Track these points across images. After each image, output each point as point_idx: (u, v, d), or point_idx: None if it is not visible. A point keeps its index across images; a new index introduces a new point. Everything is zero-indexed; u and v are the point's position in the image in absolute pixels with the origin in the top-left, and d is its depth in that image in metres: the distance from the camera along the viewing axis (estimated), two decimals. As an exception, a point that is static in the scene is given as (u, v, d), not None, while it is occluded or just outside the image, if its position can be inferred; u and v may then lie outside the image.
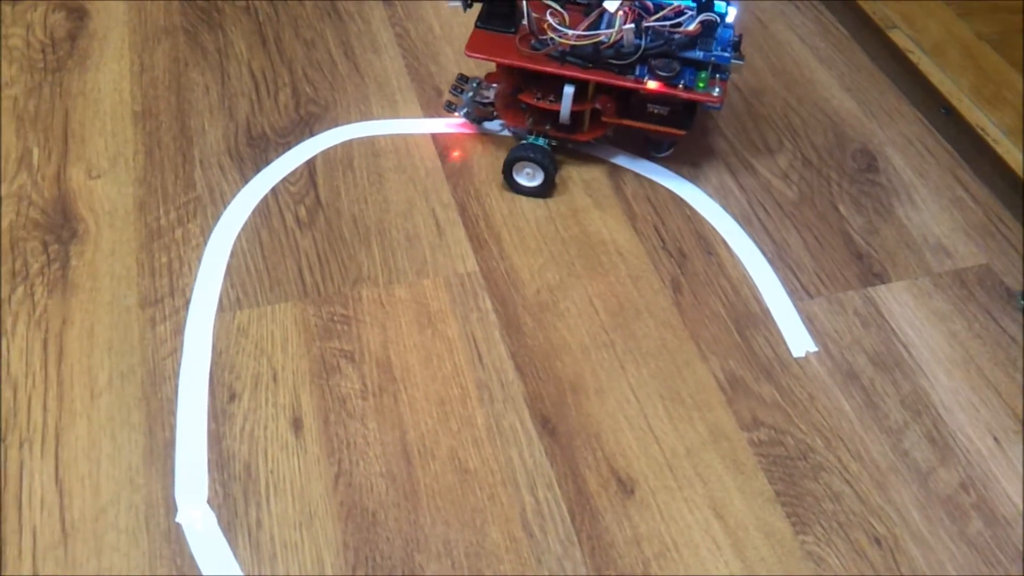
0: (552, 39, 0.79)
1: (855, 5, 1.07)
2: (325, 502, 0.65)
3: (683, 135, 0.84)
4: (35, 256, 0.80)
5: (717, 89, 0.79)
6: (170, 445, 0.67)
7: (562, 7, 0.80)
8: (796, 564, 0.63)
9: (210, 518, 0.64)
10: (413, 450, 0.68)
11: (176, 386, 0.71)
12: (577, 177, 0.88)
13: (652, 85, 0.79)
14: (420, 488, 0.66)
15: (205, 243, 0.81)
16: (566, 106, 0.82)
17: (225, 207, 0.84)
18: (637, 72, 0.80)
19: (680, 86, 0.79)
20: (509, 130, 0.92)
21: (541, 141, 0.85)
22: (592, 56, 0.79)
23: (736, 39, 0.81)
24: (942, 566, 0.63)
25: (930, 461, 0.69)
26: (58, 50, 1.00)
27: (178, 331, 0.74)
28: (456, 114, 0.91)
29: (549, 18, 0.79)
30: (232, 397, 0.70)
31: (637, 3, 0.79)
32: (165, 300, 0.76)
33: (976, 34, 1.02)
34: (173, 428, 0.68)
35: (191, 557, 0.62)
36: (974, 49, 1.00)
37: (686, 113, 0.82)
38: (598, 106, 0.83)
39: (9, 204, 0.84)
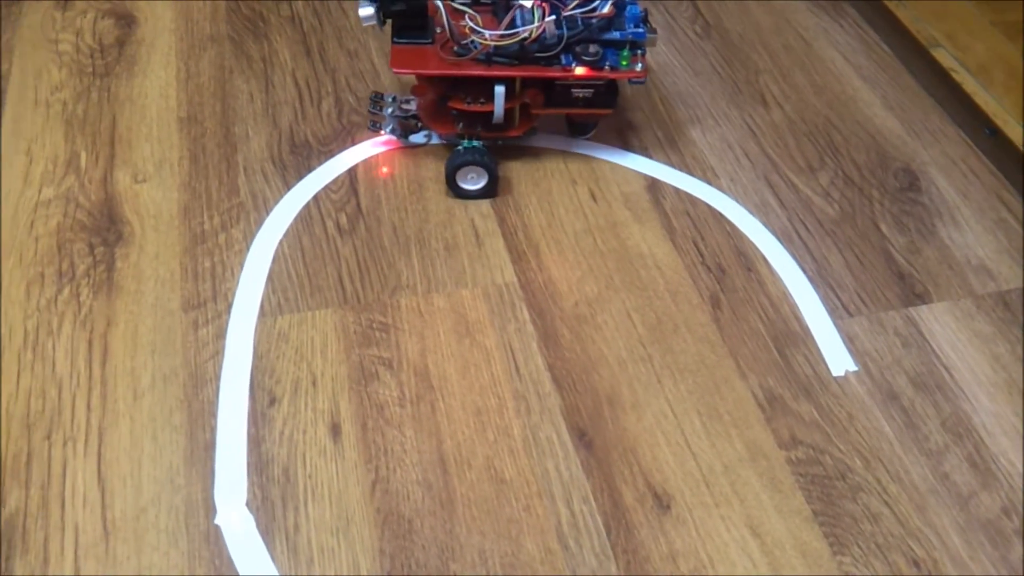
0: (474, 42, 0.80)
1: (899, 24, 1.06)
2: (362, 508, 0.65)
3: (610, 113, 0.88)
4: (81, 258, 0.81)
5: (640, 64, 0.82)
6: (210, 447, 0.68)
7: (472, 9, 0.81)
8: (834, 585, 0.62)
9: (249, 521, 0.64)
10: (449, 459, 0.68)
11: (217, 389, 0.72)
12: (616, 191, 0.89)
13: (580, 71, 0.82)
14: (456, 497, 0.66)
15: (248, 248, 0.82)
16: (499, 106, 0.83)
17: (268, 213, 0.85)
18: (563, 61, 0.82)
19: (607, 67, 0.82)
20: (443, 139, 0.91)
21: (476, 143, 0.86)
22: (518, 53, 0.81)
23: (643, 14, 0.83)
24: (982, 592, 0.62)
25: (971, 485, 0.68)
26: (106, 56, 1.02)
27: (220, 335, 0.75)
28: (382, 132, 0.91)
29: (468, 22, 0.80)
30: (272, 401, 0.71)
31: None
32: (208, 304, 0.77)
33: (1022, 54, 1.01)
34: (214, 430, 0.69)
35: (229, 559, 0.62)
36: (1019, 69, 0.99)
37: (609, 92, 0.85)
38: (527, 100, 0.84)
39: (57, 206, 0.85)
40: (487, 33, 0.79)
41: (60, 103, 0.96)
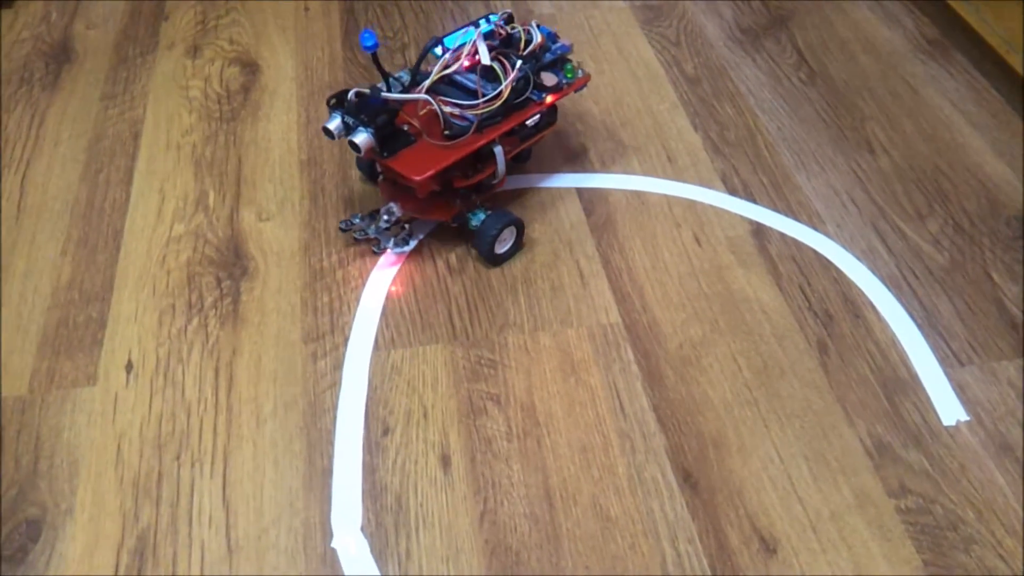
0: (465, 119, 0.82)
1: (1010, 70, 1.05)
2: (471, 538, 0.67)
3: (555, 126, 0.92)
4: (209, 290, 0.86)
5: (580, 70, 0.89)
6: (327, 473, 0.71)
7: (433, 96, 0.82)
8: (946, 638, 0.61)
9: (363, 545, 0.67)
10: (556, 494, 0.70)
11: (334, 418, 0.75)
12: (721, 235, 0.90)
13: (549, 99, 0.86)
14: (562, 532, 0.67)
15: (363, 285, 0.86)
16: (502, 164, 0.85)
17: (382, 253, 0.89)
18: (535, 97, 0.86)
19: (564, 85, 0.87)
20: (453, 222, 0.88)
21: (481, 212, 0.86)
22: (502, 110, 0.83)
23: (551, 31, 0.88)
24: (1105, 653, 0.60)
25: (1092, 542, 0.66)
26: (232, 101, 1.09)
27: (337, 366, 0.79)
28: (388, 250, 0.87)
29: (448, 108, 0.81)
30: (386, 431, 0.74)
31: (491, 40, 0.84)
32: (326, 336, 0.81)
33: None
34: (331, 457, 0.72)
35: (345, 582, 0.65)
36: None
37: (551, 111, 0.89)
38: (507, 148, 0.86)
39: (187, 241, 0.91)
40: (478, 103, 0.82)
41: (190, 145, 1.02)
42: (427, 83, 0.82)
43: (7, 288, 0.87)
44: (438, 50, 0.84)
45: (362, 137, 0.80)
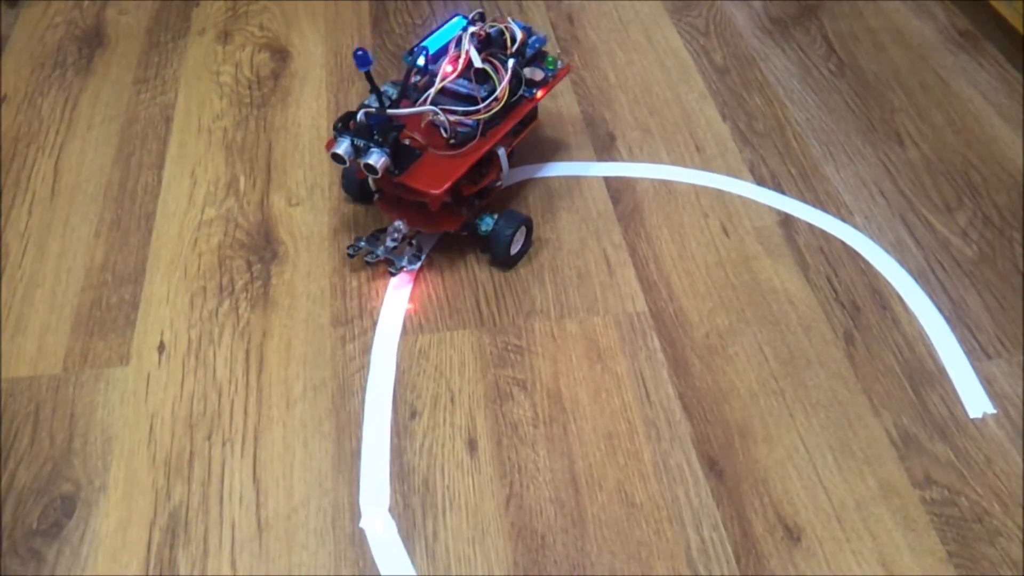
0: (464, 124, 0.81)
1: (1043, 63, 1.04)
2: (497, 521, 0.68)
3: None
4: (240, 274, 0.87)
5: (560, 61, 0.90)
6: (356, 455, 0.72)
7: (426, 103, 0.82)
8: (970, 628, 0.62)
9: (391, 526, 0.68)
10: (581, 479, 0.70)
11: (363, 401, 0.76)
12: (748, 225, 0.90)
13: (540, 94, 0.87)
14: (587, 517, 0.68)
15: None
16: (506, 164, 0.85)
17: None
18: (527, 94, 0.86)
19: (550, 78, 0.88)
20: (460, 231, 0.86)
21: (488, 217, 0.85)
22: (503, 111, 0.83)
23: (526, 26, 0.88)
24: None
25: (1119, 536, 0.66)
26: (263, 87, 1.10)
27: (365, 350, 0.80)
28: (405, 269, 0.85)
29: (450, 116, 0.80)
30: (413, 415, 0.75)
31: (475, 42, 0.83)
32: (354, 321, 0.82)
33: None
34: (359, 439, 0.73)
35: (372, 561, 0.66)
36: None
37: (532, 104, 0.88)
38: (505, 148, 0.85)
39: (218, 225, 0.92)
40: (479, 108, 0.81)
41: (221, 130, 1.03)
42: (432, 92, 0.81)
43: (42, 269, 0.88)
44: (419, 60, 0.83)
45: (377, 158, 0.77)
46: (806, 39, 1.14)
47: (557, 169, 0.97)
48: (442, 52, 0.85)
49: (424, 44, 0.85)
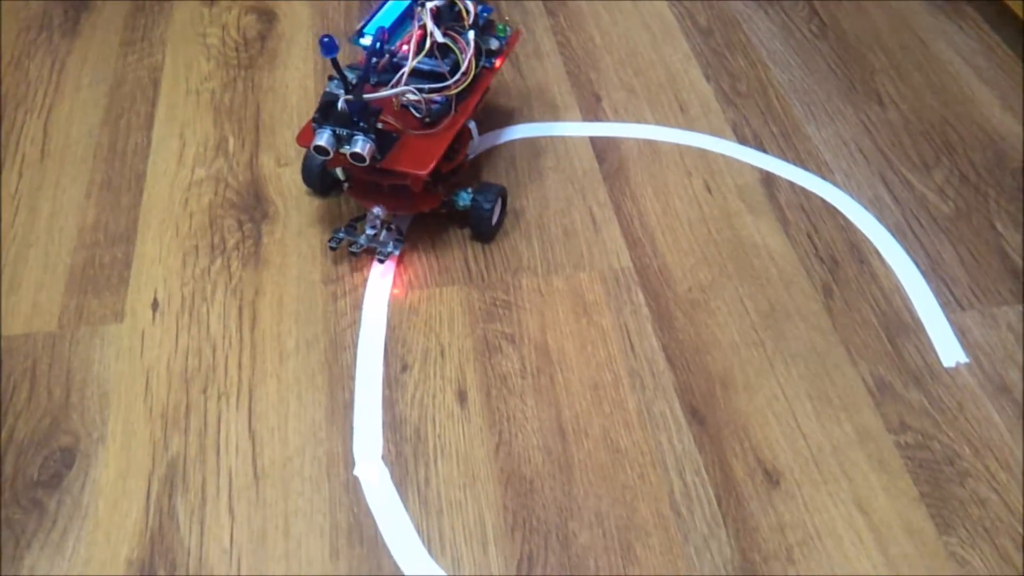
0: (438, 100, 0.81)
1: (1021, 25, 1.06)
2: (487, 467, 0.70)
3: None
4: (231, 232, 0.88)
5: (509, 28, 0.89)
6: (349, 407, 0.74)
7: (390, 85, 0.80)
8: (939, 563, 0.64)
9: (384, 473, 0.70)
10: (568, 428, 0.73)
11: (355, 355, 0.78)
12: (731, 183, 0.92)
13: (498, 63, 0.87)
14: (574, 463, 0.70)
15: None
16: (477, 136, 0.86)
17: (399, 196, 0.91)
18: (487, 64, 0.86)
19: (504, 46, 0.88)
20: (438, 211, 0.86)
21: (464, 192, 0.85)
22: (469, 84, 0.82)
23: None
24: (1091, 579, 0.64)
25: (1083, 477, 0.69)
26: (250, 49, 1.10)
27: (356, 306, 0.81)
28: (392, 254, 0.84)
29: (415, 96, 0.79)
30: (404, 368, 0.77)
31: (429, 18, 0.81)
32: (345, 278, 0.84)
33: None
34: (352, 392, 0.75)
35: (367, 506, 0.68)
36: None
37: (493, 74, 0.88)
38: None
39: (208, 185, 0.93)
40: (449, 83, 0.81)
41: (209, 92, 1.04)
42: (405, 72, 0.79)
43: (34, 229, 0.89)
44: (365, 41, 0.81)
45: (363, 145, 0.76)
46: (789, 1, 1.15)
47: (543, 129, 0.98)
48: (394, 31, 0.83)
49: (377, 25, 0.82)
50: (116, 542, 0.67)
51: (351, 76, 0.79)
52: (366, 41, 0.81)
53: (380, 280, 0.84)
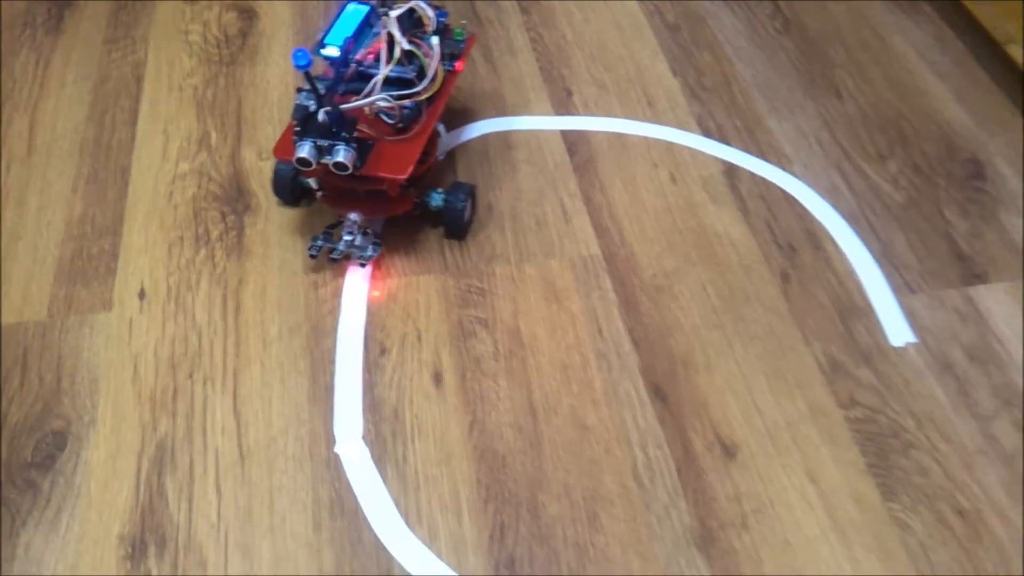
0: (408, 106, 0.83)
1: (975, 21, 1.10)
2: (461, 445, 0.74)
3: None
4: (214, 224, 0.92)
5: (465, 32, 0.91)
6: (330, 389, 0.78)
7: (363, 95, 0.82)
8: (883, 527, 0.69)
9: (364, 451, 0.74)
10: (538, 406, 0.77)
11: (335, 340, 0.81)
12: (695, 174, 0.96)
13: (459, 65, 0.89)
14: (544, 439, 0.74)
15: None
16: (445, 137, 0.89)
17: (377, 188, 0.94)
18: (448, 67, 0.88)
19: (463, 49, 0.90)
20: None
21: (436, 193, 0.87)
22: (435, 88, 0.85)
23: (428, 3, 0.88)
24: (1021, 539, 0.68)
25: (1017, 446, 0.73)
26: (231, 45, 1.13)
27: (336, 294, 0.85)
28: (372, 257, 0.85)
29: (386, 102, 0.82)
30: (383, 352, 0.81)
31: (393, 24, 0.83)
32: (325, 268, 0.87)
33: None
34: (333, 375, 0.79)
35: (348, 483, 0.72)
36: (1091, 66, 1.03)
37: (456, 77, 0.90)
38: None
39: (192, 178, 0.96)
40: (419, 89, 0.83)
41: (192, 88, 1.07)
42: (379, 80, 0.81)
43: (22, 222, 0.92)
44: (328, 51, 0.82)
45: (345, 154, 0.78)
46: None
47: (516, 123, 1.02)
48: (354, 41, 0.84)
49: (337, 35, 0.83)
50: (108, 519, 0.71)
51: (320, 87, 0.80)
52: (329, 52, 0.82)
53: (359, 270, 0.87)
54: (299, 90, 0.81)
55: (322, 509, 0.71)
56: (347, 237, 0.85)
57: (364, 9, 0.86)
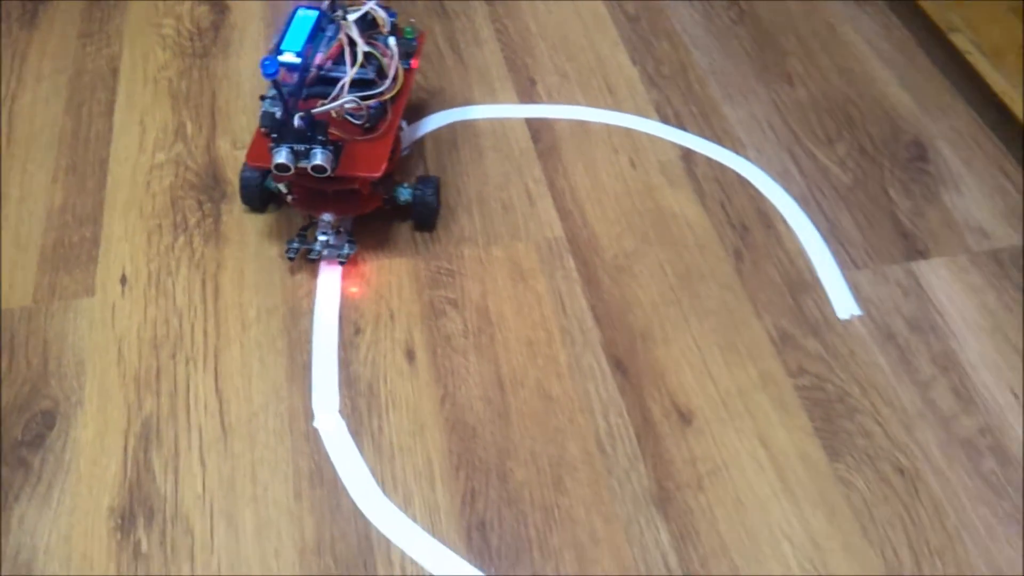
0: (373, 106, 0.85)
1: (920, 11, 1.16)
2: (434, 417, 0.78)
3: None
4: (192, 212, 0.95)
5: (415, 30, 0.93)
6: (307, 367, 0.82)
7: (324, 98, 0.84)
8: (829, 485, 0.74)
9: (341, 425, 0.78)
10: (506, 380, 0.81)
11: (311, 321, 0.85)
12: (654, 159, 1.00)
13: (413, 63, 0.92)
14: (511, 410, 0.79)
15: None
16: (407, 130, 0.91)
17: (350, 176, 0.98)
18: (404, 65, 0.90)
19: (415, 45, 0.93)
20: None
21: (403, 188, 0.91)
22: (396, 87, 0.87)
23: (378, 4, 0.90)
24: (956, 495, 0.74)
25: (954, 409, 0.79)
26: (204, 38, 1.16)
27: (313, 276, 0.89)
28: (349, 255, 0.88)
29: (352, 104, 0.84)
30: (357, 331, 0.85)
31: (352, 28, 0.86)
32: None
33: (1031, 38, 1.10)
34: (310, 354, 0.83)
35: (326, 454, 0.76)
36: (1029, 52, 1.08)
37: (413, 74, 0.93)
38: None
39: (169, 168, 0.99)
40: (383, 88, 0.86)
41: (166, 80, 1.10)
42: (346, 83, 0.84)
43: (4, 212, 0.95)
44: (286, 58, 0.83)
45: (323, 157, 0.79)
46: (710, -11, 1.24)
47: (483, 112, 1.06)
48: (308, 45, 0.86)
49: (291, 41, 0.85)
50: (98, 493, 0.74)
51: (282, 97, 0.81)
52: (287, 58, 0.84)
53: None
54: (263, 97, 0.83)
55: (302, 479, 0.75)
56: (322, 237, 0.87)
57: (314, 14, 0.88)
